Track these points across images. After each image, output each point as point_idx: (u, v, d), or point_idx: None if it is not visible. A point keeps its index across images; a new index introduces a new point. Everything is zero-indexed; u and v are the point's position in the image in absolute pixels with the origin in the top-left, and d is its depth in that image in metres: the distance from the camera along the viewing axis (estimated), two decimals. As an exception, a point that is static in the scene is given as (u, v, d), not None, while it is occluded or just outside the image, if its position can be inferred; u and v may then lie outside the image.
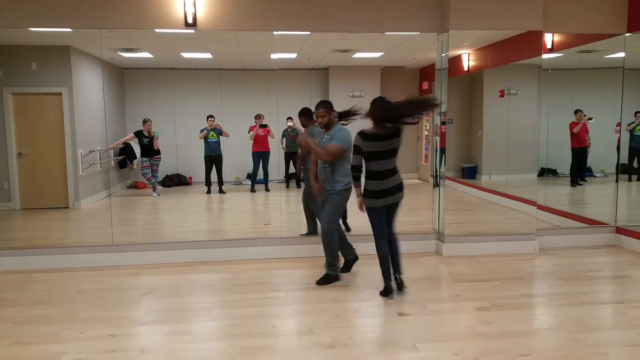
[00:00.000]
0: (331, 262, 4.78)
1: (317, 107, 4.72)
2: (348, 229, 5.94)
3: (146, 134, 9.29)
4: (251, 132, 9.46)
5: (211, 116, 9.43)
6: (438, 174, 5.98)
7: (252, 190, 9.51)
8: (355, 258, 5.11)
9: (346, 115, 4.88)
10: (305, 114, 5.79)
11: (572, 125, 7.18)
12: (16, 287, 4.85)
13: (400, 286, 4.47)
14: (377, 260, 4.42)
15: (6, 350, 3.48)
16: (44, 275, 5.18)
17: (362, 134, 4.26)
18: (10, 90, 7.85)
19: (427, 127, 10.57)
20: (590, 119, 7.12)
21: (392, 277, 4.46)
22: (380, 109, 4.23)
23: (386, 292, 4.40)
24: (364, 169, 4.34)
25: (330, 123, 4.70)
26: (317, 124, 4.84)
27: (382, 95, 4.52)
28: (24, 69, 7.82)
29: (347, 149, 4.57)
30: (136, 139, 9.36)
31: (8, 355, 3.41)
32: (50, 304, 4.37)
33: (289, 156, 9.60)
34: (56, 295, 4.59)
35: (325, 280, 4.77)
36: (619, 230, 6.19)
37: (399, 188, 4.38)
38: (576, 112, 7.16)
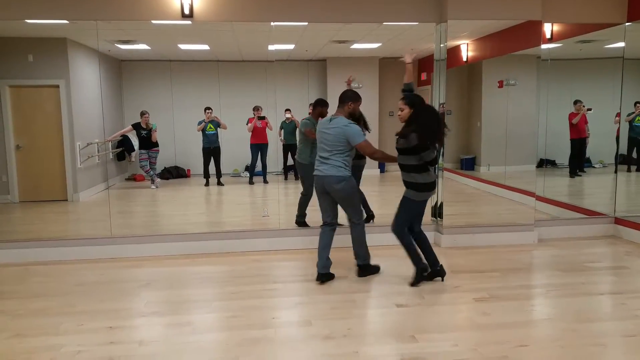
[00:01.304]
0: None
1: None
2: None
3: (144, 126, 9.25)
4: (249, 124, 9.43)
5: (209, 108, 9.39)
6: (436, 166, 5.96)
7: (251, 182, 9.50)
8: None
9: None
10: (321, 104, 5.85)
11: (571, 116, 7.16)
12: (15, 280, 4.85)
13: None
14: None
15: (5, 343, 3.48)
16: (42, 268, 5.18)
17: None
18: (7, 83, 7.81)
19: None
20: (589, 109, 7.10)
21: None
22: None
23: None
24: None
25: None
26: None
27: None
28: (21, 61, 7.78)
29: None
30: (134, 131, 9.32)
31: (7, 347, 3.42)
32: (49, 297, 4.37)
33: (287, 148, 9.58)
34: (55, 288, 4.59)
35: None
36: (618, 221, 6.19)
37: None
38: (575, 102, 7.14)
